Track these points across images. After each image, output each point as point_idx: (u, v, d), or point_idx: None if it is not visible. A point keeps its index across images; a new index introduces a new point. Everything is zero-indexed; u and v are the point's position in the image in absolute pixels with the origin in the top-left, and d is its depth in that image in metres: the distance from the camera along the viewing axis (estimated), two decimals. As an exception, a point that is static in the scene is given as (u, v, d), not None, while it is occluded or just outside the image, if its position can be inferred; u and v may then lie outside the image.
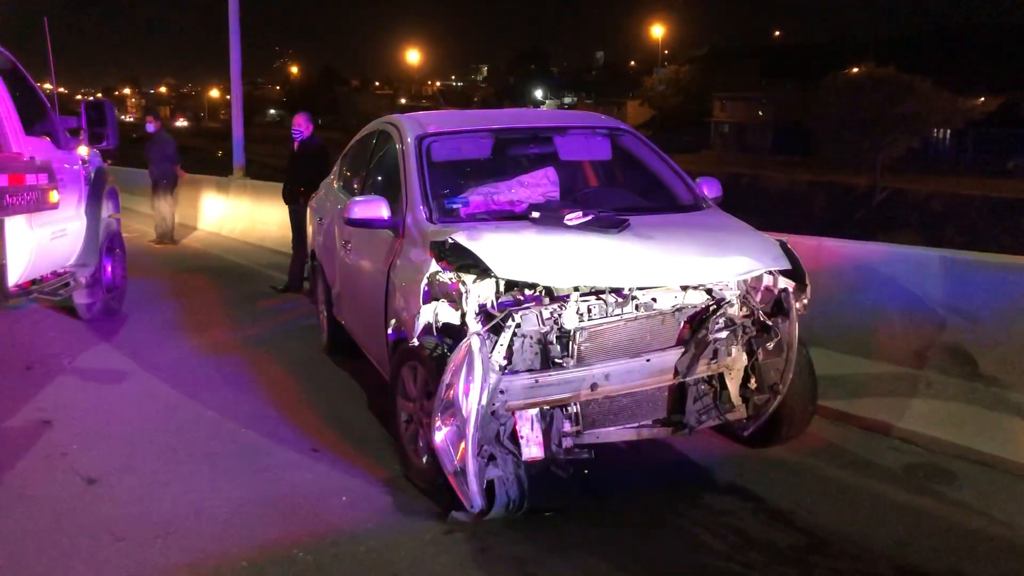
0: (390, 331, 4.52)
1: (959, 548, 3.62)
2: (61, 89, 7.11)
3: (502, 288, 3.90)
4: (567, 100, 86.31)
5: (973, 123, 44.16)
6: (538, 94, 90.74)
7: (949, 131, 46.42)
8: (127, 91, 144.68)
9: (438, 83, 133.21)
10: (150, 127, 13.35)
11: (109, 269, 7.74)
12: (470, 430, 3.59)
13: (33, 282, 6.40)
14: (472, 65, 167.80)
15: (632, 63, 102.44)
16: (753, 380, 4.27)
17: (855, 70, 47.22)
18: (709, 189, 5.15)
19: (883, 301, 5.19)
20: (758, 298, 4.33)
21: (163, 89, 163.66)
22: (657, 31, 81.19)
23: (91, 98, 10.85)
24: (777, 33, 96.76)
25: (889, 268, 5.23)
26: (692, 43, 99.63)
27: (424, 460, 4.12)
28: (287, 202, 9.28)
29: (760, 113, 57.79)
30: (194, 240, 14.25)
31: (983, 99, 48.45)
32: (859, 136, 39.69)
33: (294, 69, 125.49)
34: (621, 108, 70.76)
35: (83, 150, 7.24)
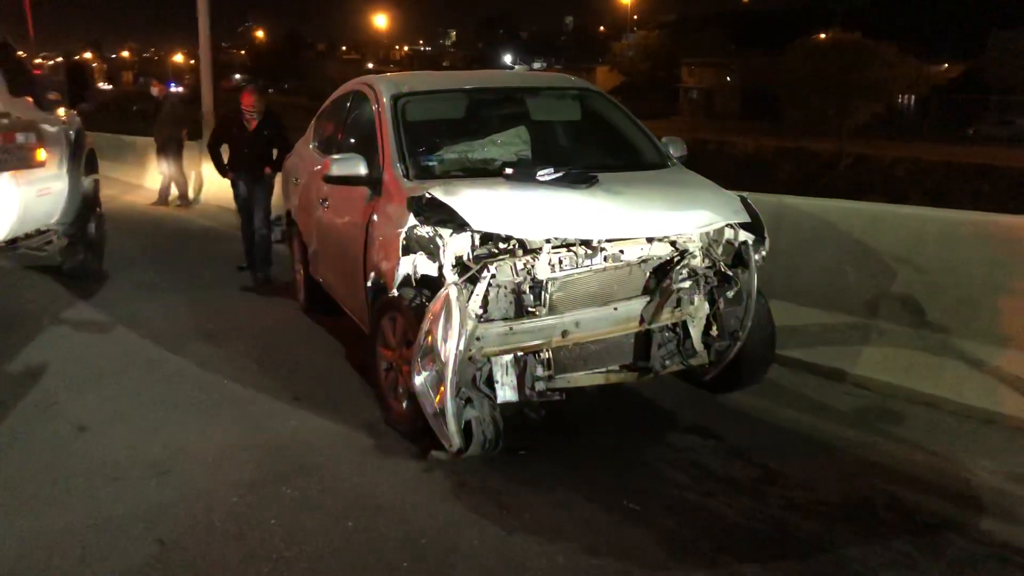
0: (369, 284, 4.71)
1: (901, 479, 3.91)
2: (20, 53, 7.17)
3: (477, 241, 4.09)
4: (536, 65, 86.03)
5: (937, 89, 44.75)
6: (507, 59, 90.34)
7: (914, 97, 47.00)
8: (88, 56, 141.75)
9: (406, 48, 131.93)
10: (155, 91, 13.35)
11: (91, 228, 7.87)
12: (449, 374, 3.79)
13: (17, 238, 6.51)
14: (441, 30, 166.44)
15: (602, 28, 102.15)
16: (714, 328, 4.51)
17: (822, 36, 47.53)
18: (675, 148, 5.37)
19: (840, 255, 5.46)
20: (720, 250, 4.56)
21: (126, 54, 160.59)
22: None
23: (73, 60, 10.82)
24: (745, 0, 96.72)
25: (846, 223, 5.48)
26: (661, 9, 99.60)
27: (404, 405, 4.33)
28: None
29: (728, 79, 58.09)
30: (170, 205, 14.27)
31: (947, 65, 49.03)
32: (825, 102, 40.02)
33: (259, 34, 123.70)
34: (591, 74, 70.68)
35: (62, 112, 7.32)
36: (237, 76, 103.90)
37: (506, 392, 4.10)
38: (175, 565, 3.24)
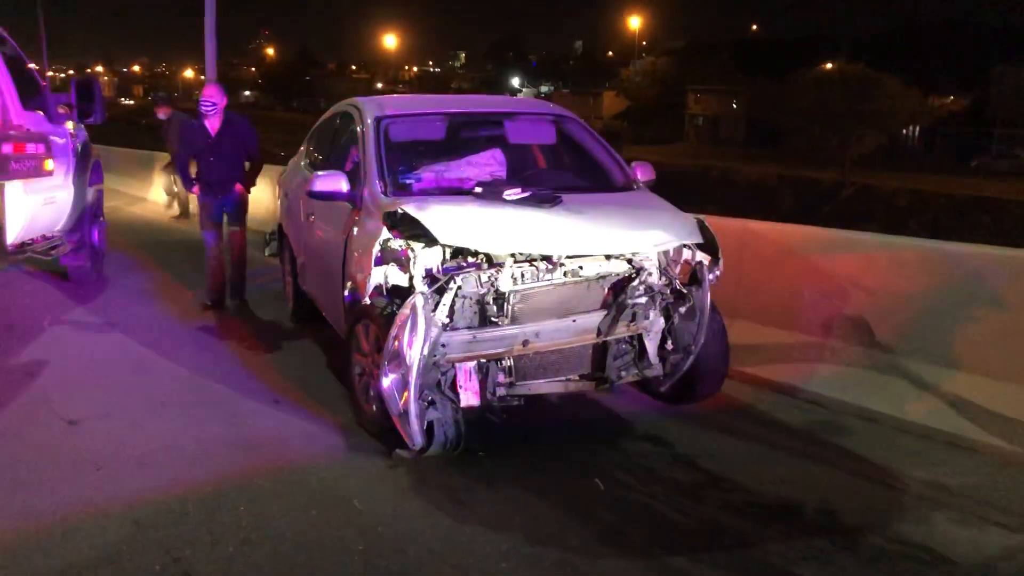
0: (347, 294, 5.02)
1: (833, 485, 4.20)
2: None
3: (447, 255, 4.41)
4: (544, 89, 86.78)
5: (940, 121, 45.17)
6: (515, 82, 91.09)
7: (918, 128, 47.43)
8: (99, 69, 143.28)
9: (415, 68, 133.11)
10: (161, 115, 13.78)
11: (94, 235, 8.24)
12: (412, 377, 4.09)
13: (24, 244, 6.88)
14: (450, 51, 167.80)
15: (610, 53, 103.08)
16: (669, 341, 4.82)
17: (828, 66, 48.07)
18: (642, 173, 5.67)
19: (798, 277, 5.76)
20: (677, 269, 4.87)
21: (136, 68, 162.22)
22: (635, 22, 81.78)
23: (82, 75, 11.19)
24: (754, 27, 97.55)
25: (804, 248, 5.79)
26: (669, 35, 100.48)
27: (374, 408, 4.63)
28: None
29: (734, 106, 58.60)
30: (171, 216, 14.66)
31: (952, 97, 49.40)
32: (828, 131, 40.46)
33: (270, 51, 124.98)
34: (597, 98, 71.35)
35: (70, 125, 7.69)
36: (247, 93, 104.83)
37: (469, 397, 4.38)
38: (148, 542, 3.55)
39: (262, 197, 12.67)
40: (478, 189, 4.94)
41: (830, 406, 5.22)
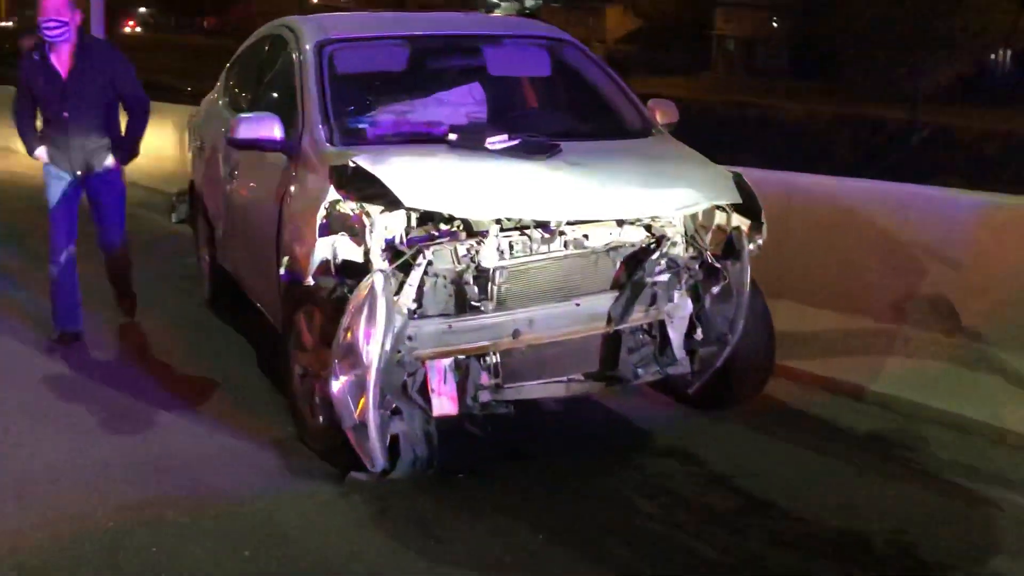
0: (282, 272, 4.99)
1: (911, 513, 4.25)
2: None
3: (413, 221, 4.41)
4: (529, 3, 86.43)
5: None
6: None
7: (1010, 53, 47.55)
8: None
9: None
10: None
11: None
12: (371, 379, 4.10)
13: None
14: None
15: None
16: (699, 330, 4.86)
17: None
18: (662, 114, 5.69)
19: (860, 247, 5.84)
20: (708, 238, 4.90)
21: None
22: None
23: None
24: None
25: (868, 209, 5.86)
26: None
27: (321, 419, 4.64)
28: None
29: (774, 25, 58.53)
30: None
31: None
32: (895, 58, 40.45)
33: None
34: (598, 16, 70.96)
35: None
36: (143, 10, 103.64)
37: (443, 403, 4.40)
38: (34, 596, 3.56)
39: (164, 147, 12.58)
40: (452, 136, 4.94)
41: (904, 410, 5.29)
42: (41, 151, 6.25)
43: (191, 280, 7.64)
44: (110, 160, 6.26)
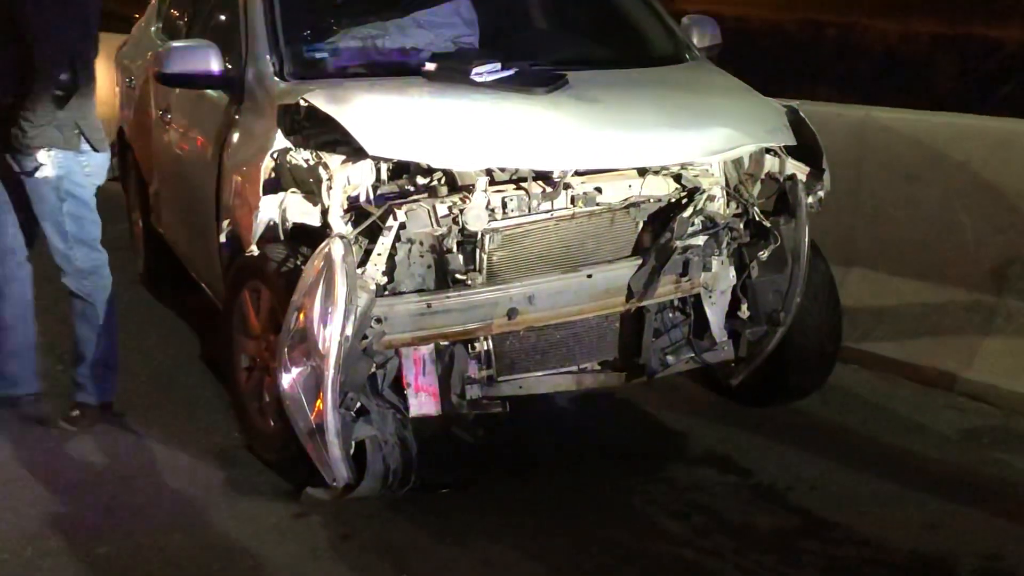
0: (223, 239, 4.91)
1: (1008, 537, 4.13)
2: None
3: (382, 174, 4.30)
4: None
5: None
6: None
7: None
8: None
9: None
10: None
11: None
12: (329, 371, 3.98)
13: None
14: None
15: None
16: (744, 307, 4.74)
17: None
18: (700, 34, 5.59)
19: (952, 199, 5.69)
20: (756, 190, 4.79)
21: None
22: None
23: None
24: None
25: (963, 150, 5.71)
26: None
27: (271, 423, 4.56)
28: None
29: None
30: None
31: None
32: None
33: None
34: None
35: None
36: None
37: (422, 401, 4.32)
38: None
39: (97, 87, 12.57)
40: (430, 66, 4.82)
41: (1005, 404, 5.20)
42: None
43: (122, 252, 7.51)
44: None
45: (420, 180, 4.32)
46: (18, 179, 4.93)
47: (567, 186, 4.38)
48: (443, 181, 4.32)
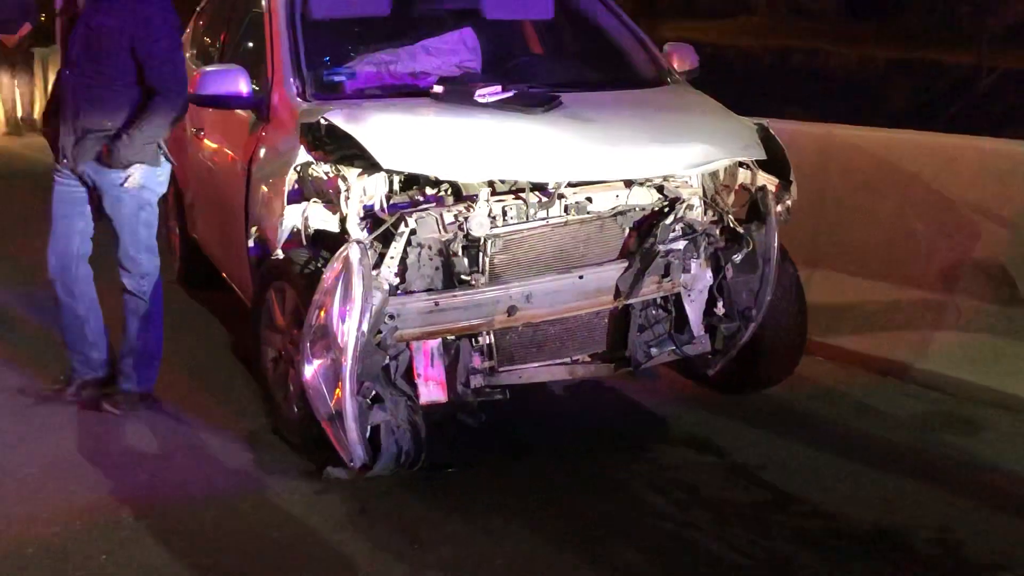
0: (251, 244, 4.98)
1: (958, 507, 4.21)
2: None
3: (395, 185, 4.37)
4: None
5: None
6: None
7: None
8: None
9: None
10: None
11: None
12: (347, 362, 4.06)
13: None
14: None
15: None
16: (720, 304, 4.81)
17: None
18: (679, 60, 5.66)
19: (905, 207, 5.76)
20: (730, 199, 4.85)
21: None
22: None
23: None
24: None
25: (915, 163, 5.79)
26: None
27: (295, 408, 4.63)
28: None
29: (823, -40, 58.07)
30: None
31: None
32: (959, -4, 40.09)
33: None
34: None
35: None
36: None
37: (431, 390, 4.38)
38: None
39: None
40: (439, 88, 4.90)
41: (955, 392, 5.26)
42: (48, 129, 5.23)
43: (162, 256, 7.54)
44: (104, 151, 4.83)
45: (429, 191, 4.40)
46: (90, 190, 5.02)
47: (561, 196, 4.45)
48: (449, 192, 4.41)
